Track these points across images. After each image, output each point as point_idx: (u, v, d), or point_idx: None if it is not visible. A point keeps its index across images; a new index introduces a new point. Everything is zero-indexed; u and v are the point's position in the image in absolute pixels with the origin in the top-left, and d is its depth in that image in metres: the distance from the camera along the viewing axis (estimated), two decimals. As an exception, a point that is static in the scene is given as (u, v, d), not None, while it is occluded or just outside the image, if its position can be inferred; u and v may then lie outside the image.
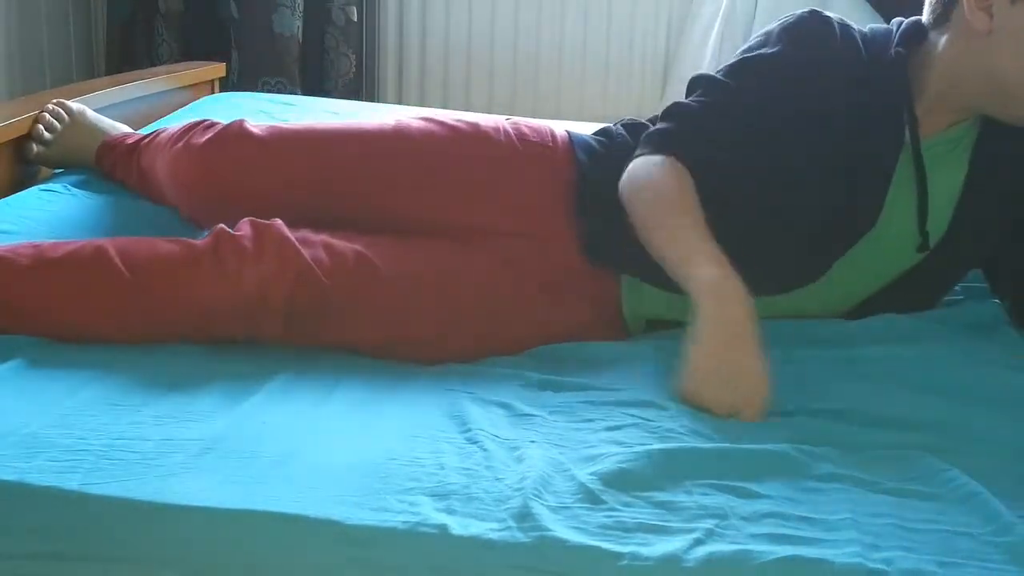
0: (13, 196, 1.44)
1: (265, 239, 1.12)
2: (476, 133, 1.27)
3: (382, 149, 1.26)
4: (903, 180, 1.18)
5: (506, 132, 1.28)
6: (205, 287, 1.09)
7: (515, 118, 1.34)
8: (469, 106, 2.79)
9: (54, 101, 1.57)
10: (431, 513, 0.83)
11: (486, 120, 1.32)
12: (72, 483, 0.84)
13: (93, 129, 1.56)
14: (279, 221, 1.15)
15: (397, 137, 1.27)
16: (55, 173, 1.58)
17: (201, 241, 1.14)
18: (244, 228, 1.14)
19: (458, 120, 1.31)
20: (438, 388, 1.05)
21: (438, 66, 2.85)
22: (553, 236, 1.21)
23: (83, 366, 1.04)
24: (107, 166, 1.52)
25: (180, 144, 1.35)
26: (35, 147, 1.54)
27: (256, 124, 1.33)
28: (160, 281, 1.10)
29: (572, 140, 1.29)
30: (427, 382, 1.07)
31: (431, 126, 1.28)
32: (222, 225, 1.15)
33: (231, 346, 1.11)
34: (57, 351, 1.07)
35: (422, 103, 2.81)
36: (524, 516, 0.82)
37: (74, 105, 1.58)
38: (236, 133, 1.31)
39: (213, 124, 1.36)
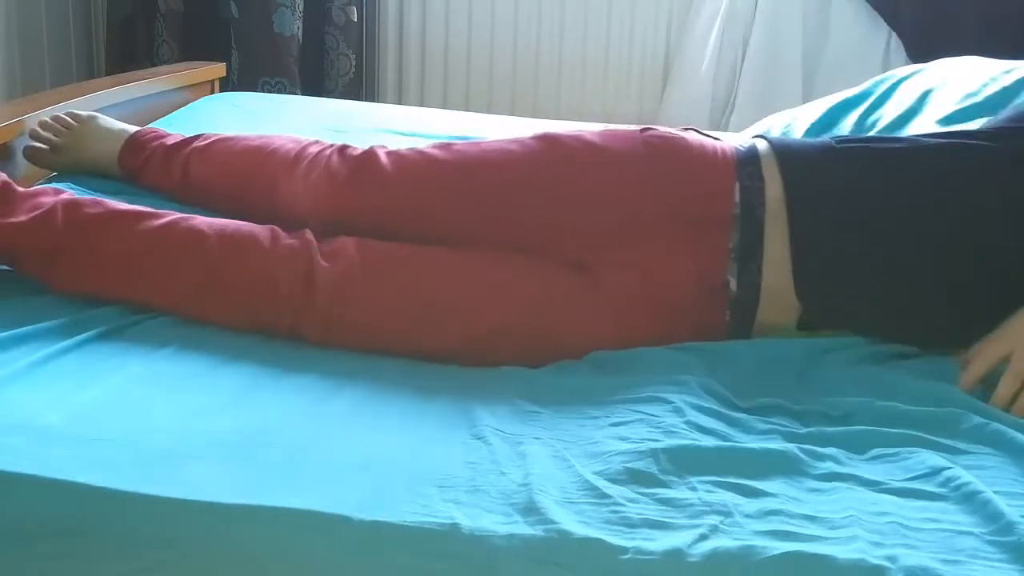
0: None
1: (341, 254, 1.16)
2: (604, 157, 1.20)
3: (511, 178, 1.21)
4: None
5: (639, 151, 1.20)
6: (275, 263, 1.14)
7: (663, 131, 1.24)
8: (469, 106, 2.79)
9: (66, 113, 1.55)
10: (439, 506, 0.83)
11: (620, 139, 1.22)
12: (84, 476, 0.85)
13: (108, 132, 1.53)
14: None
15: (528, 165, 1.21)
16: (53, 175, 1.56)
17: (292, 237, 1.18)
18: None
19: (587, 141, 1.22)
20: (445, 385, 1.05)
21: (438, 66, 2.85)
22: (664, 270, 1.14)
23: (96, 360, 1.05)
24: (135, 166, 1.48)
25: (319, 173, 1.30)
26: (40, 149, 1.52)
27: (389, 153, 1.28)
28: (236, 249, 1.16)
29: (739, 161, 1.18)
30: (435, 379, 1.07)
31: (551, 152, 1.22)
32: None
33: (243, 343, 1.12)
34: (71, 345, 1.07)
35: (422, 103, 2.81)
36: (530, 510, 0.83)
37: (84, 113, 1.56)
38: (371, 166, 1.27)
39: (345, 148, 1.32)
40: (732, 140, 1.27)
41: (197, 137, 1.46)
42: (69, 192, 1.26)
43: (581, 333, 1.14)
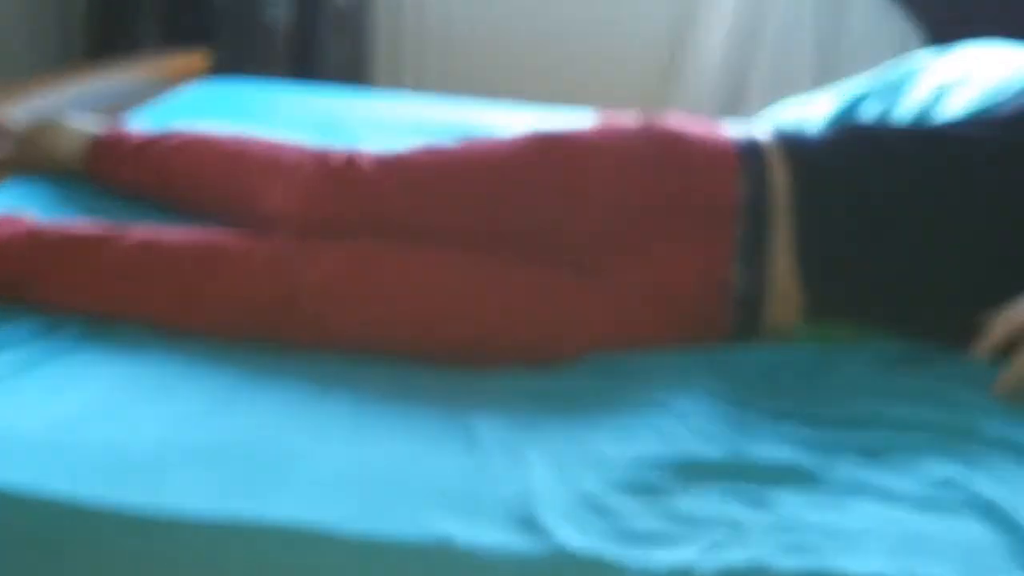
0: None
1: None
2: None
3: (504, 182, 1.17)
4: None
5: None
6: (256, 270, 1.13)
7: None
8: (465, 93, 2.76)
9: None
10: (432, 519, 0.81)
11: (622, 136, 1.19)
12: (62, 488, 0.83)
13: (68, 130, 1.46)
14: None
15: (522, 165, 1.18)
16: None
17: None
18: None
19: (582, 140, 1.19)
20: (441, 390, 1.03)
21: (432, 53, 2.82)
22: (668, 267, 1.12)
23: (76, 367, 1.03)
24: (106, 168, 1.42)
25: (299, 184, 1.26)
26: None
27: (371, 160, 1.24)
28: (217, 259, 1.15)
29: (742, 152, 1.15)
30: (430, 384, 1.05)
31: (555, 154, 1.18)
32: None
33: (227, 347, 1.10)
34: (50, 352, 1.05)
35: (416, 91, 2.77)
36: (529, 523, 0.82)
37: (30, 124, 1.48)
38: (353, 175, 1.23)
39: (324, 156, 1.27)
40: (737, 129, 1.24)
41: (166, 136, 1.42)
42: (29, 218, 1.21)
43: (583, 333, 1.12)
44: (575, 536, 0.80)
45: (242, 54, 2.57)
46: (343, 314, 1.11)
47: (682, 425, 0.95)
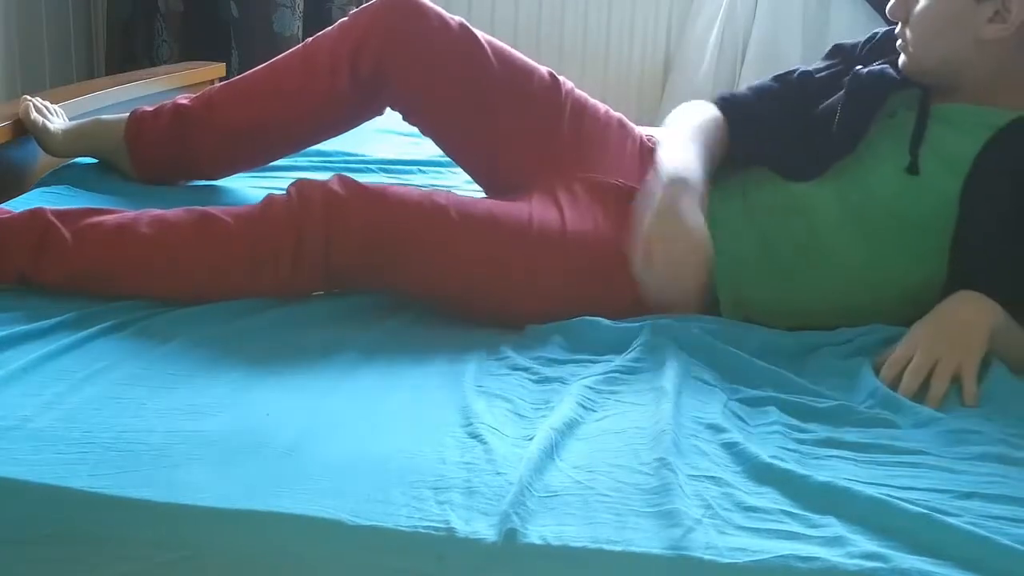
0: (16, 199, 1.44)
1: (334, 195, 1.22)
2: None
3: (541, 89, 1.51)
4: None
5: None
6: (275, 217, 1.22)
7: None
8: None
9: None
10: (433, 509, 0.83)
11: None
12: (76, 481, 0.85)
13: (110, 119, 1.55)
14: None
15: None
16: (45, 178, 1.56)
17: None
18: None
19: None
20: (442, 383, 1.05)
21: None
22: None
23: (91, 361, 1.05)
24: (147, 113, 1.51)
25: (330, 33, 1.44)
26: (44, 123, 1.51)
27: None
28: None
29: None
30: (432, 376, 1.07)
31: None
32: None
33: (240, 342, 1.12)
34: (66, 346, 1.08)
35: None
36: (526, 512, 0.83)
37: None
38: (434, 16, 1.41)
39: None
40: None
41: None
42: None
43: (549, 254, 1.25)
44: (570, 523, 0.81)
45: (255, 66, 2.62)
46: (352, 219, 1.19)
47: (674, 410, 0.97)
